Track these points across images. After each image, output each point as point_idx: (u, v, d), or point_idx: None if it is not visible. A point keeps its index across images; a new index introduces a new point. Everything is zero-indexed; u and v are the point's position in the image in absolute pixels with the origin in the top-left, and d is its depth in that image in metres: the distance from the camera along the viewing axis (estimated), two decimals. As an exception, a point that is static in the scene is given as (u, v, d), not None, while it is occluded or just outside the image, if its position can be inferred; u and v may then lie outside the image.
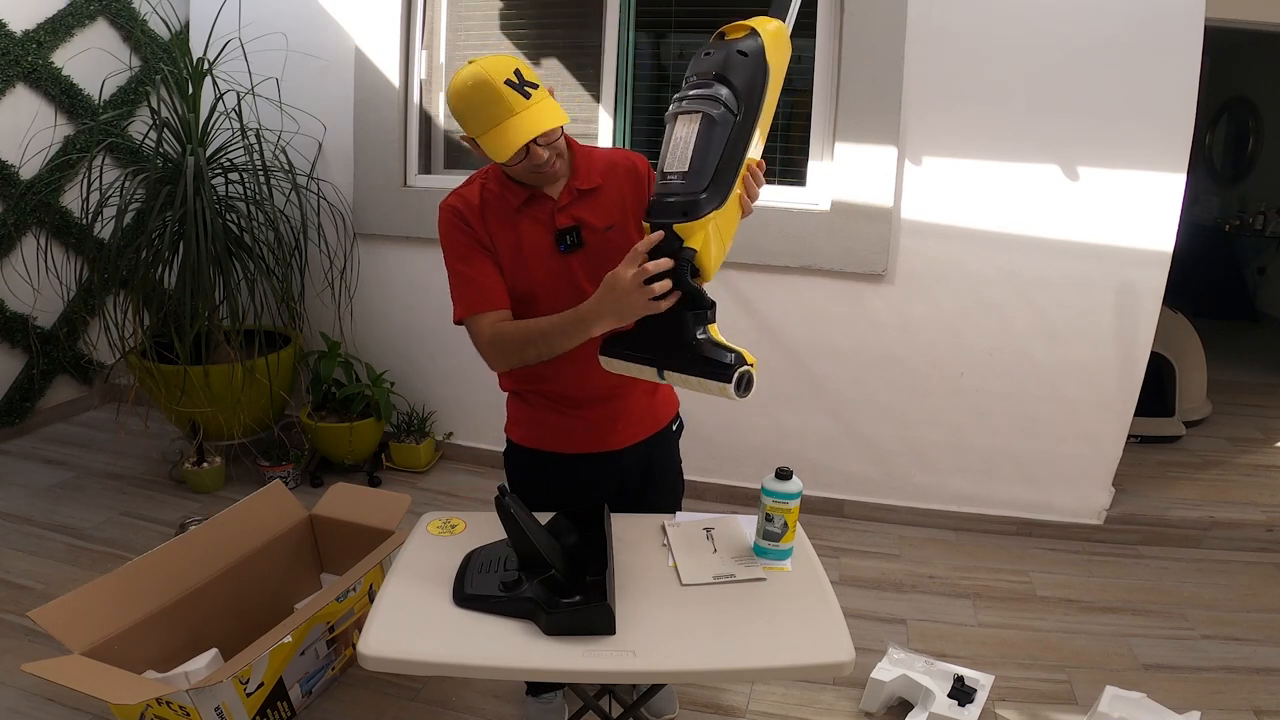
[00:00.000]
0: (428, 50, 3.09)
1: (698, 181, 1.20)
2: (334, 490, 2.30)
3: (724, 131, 1.20)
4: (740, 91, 1.20)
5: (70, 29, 3.20)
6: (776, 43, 1.24)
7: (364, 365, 3.22)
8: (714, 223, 1.22)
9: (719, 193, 1.21)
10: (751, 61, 1.21)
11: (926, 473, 2.90)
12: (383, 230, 3.13)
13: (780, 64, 1.25)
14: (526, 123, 1.28)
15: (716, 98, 1.19)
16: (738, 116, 1.20)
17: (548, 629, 1.17)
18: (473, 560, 1.32)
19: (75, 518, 2.75)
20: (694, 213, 1.20)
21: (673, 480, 1.74)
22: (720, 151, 1.20)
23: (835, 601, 1.28)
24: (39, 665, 1.54)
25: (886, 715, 1.98)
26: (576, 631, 1.17)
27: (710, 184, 1.20)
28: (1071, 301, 2.63)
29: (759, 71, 1.22)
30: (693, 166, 1.20)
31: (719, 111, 1.19)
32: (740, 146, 1.22)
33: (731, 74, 1.21)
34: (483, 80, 1.26)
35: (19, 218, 3.14)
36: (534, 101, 1.29)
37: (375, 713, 1.95)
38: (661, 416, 1.64)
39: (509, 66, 1.28)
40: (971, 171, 2.60)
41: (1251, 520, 2.80)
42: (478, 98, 1.27)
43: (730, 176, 1.22)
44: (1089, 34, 2.42)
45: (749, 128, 1.22)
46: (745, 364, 1.20)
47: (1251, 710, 2.00)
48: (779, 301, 2.83)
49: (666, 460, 1.71)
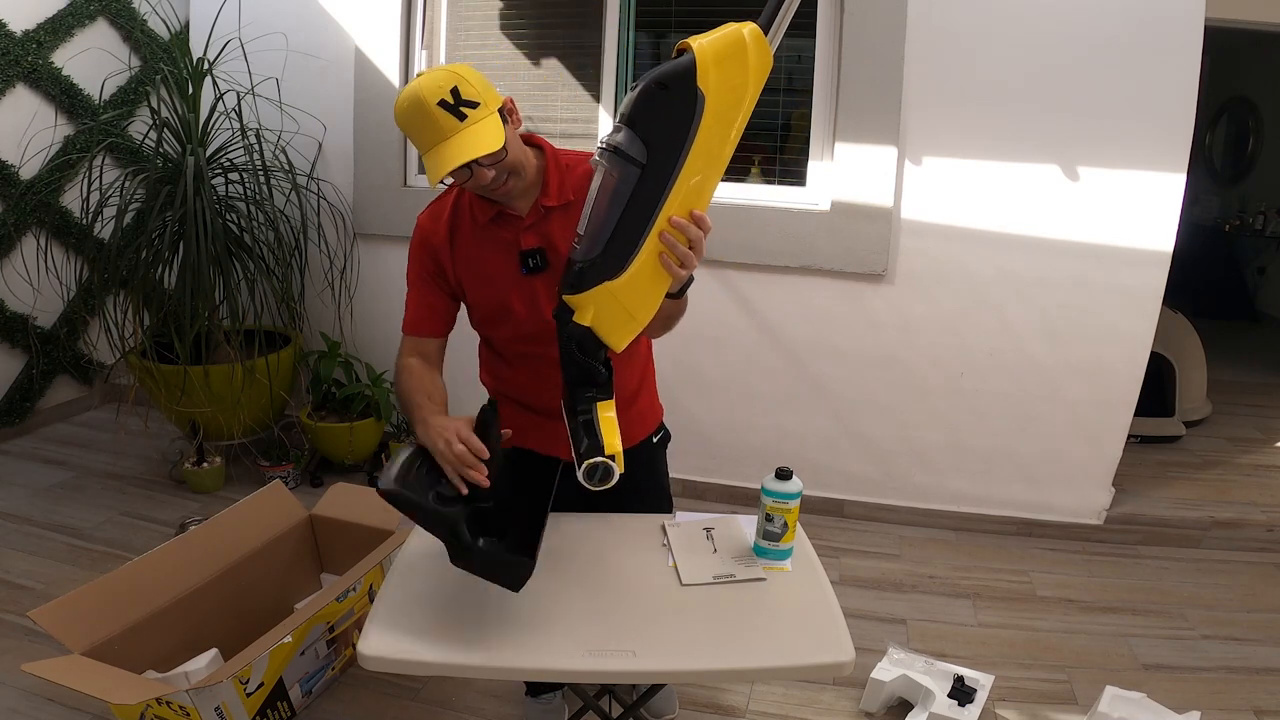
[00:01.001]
0: (428, 50, 3.09)
1: (590, 248, 1.09)
2: (334, 490, 2.30)
3: (625, 187, 1.06)
4: (649, 136, 1.05)
5: (70, 29, 3.20)
6: (730, 58, 1.05)
7: (364, 365, 3.22)
8: (615, 294, 1.09)
9: (615, 260, 1.08)
10: (672, 96, 1.04)
11: (926, 473, 2.90)
12: (383, 230, 3.13)
13: (734, 83, 1.06)
14: (454, 148, 1.21)
15: (616, 147, 1.06)
16: (643, 167, 1.06)
17: (454, 558, 1.14)
18: (422, 458, 1.22)
19: (75, 518, 2.75)
20: (579, 285, 1.09)
21: (657, 490, 1.71)
22: (619, 212, 1.07)
23: (835, 601, 1.28)
24: (39, 665, 1.54)
25: (886, 715, 1.98)
26: (480, 574, 1.15)
27: (603, 251, 1.08)
28: (1071, 301, 2.63)
29: (681, 105, 1.04)
30: (588, 230, 1.09)
31: (619, 164, 1.06)
32: (647, 203, 1.07)
33: (639, 114, 1.06)
34: (416, 101, 1.21)
35: (19, 218, 3.14)
36: (469, 124, 1.22)
37: (375, 713, 1.95)
38: (636, 432, 1.59)
39: (446, 85, 1.21)
40: (971, 171, 2.60)
41: (1251, 520, 2.80)
42: (412, 119, 1.23)
43: (633, 239, 1.08)
44: (1089, 34, 2.42)
45: (662, 178, 1.07)
46: (600, 456, 1.11)
47: (1251, 710, 2.00)
48: (779, 301, 2.83)
49: (647, 470, 1.66)
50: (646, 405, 1.63)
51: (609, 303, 1.10)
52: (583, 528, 1.47)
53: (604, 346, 1.13)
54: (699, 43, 1.05)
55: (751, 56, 1.06)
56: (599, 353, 1.14)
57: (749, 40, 1.06)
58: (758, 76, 1.07)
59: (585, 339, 1.12)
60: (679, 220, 1.09)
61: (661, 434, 1.68)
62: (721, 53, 1.05)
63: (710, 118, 1.05)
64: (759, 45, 1.07)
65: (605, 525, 1.50)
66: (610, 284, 1.09)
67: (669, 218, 1.09)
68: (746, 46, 1.06)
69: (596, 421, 1.13)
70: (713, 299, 2.86)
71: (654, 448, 1.66)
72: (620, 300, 1.10)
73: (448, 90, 1.21)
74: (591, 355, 1.13)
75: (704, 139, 1.06)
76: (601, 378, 1.14)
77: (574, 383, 1.14)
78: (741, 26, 1.06)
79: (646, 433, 1.64)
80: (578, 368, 1.13)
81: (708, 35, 1.06)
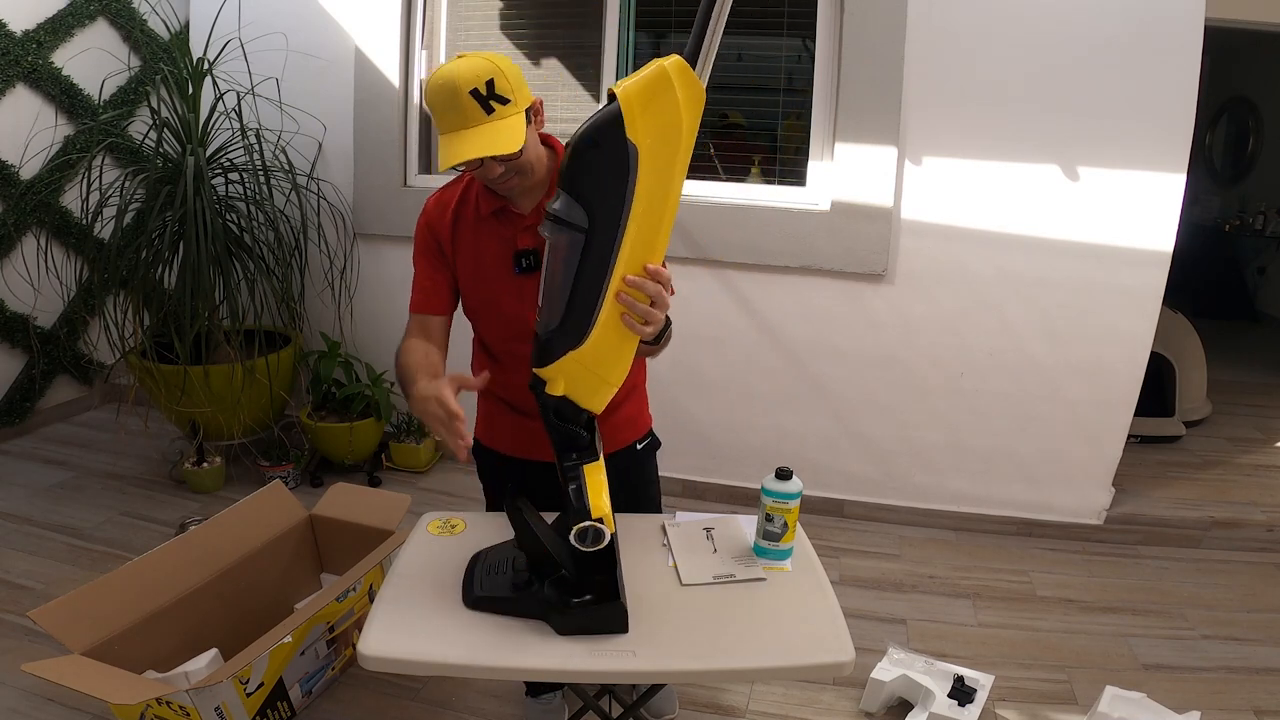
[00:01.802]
0: (428, 50, 3.09)
1: (549, 319, 1.08)
2: (334, 490, 2.30)
3: (572, 254, 1.05)
4: (587, 199, 1.03)
5: (70, 29, 3.20)
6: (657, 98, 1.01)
7: (364, 365, 3.22)
8: (582, 362, 1.08)
9: (576, 329, 1.07)
10: (603, 153, 1.02)
11: (926, 473, 2.90)
12: (383, 230, 3.13)
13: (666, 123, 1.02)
14: (472, 139, 1.21)
15: (556, 216, 1.04)
16: (587, 231, 1.04)
17: (561, 628, 1.16)
18: (480, 562, 1.30)
19: (75, 518, 2.75)
20: (544, 358, 1.09)
21: (640, 498, 1.67)
22: (571, 280, 1.05)
23: (835, 601, 1.28)
24: (39, 665, 1.54)
25: (886, 715, 1.98)
26: (589, 631, 1.16)
27: (562, 321, 1.07)
28: (1071, 301, 2.63)
29: (614, 161, 1.01)
30: (544, 302, 1.08)
31: (562, 232, 1.04)
32: (597, 267, 1.05)
33: (573, 178, 1.03)
34: (449, 84, 1.20)
35: (19, 218, 3.14)
36: (494, 119, 1.22)
37: (375, 713, 1.95)
38: (621, 437, 1.58)
39: (483, 75, 1.21)
40: (971, 171, 2.60)
41: (1251, 520, 2.80)
42: (440, 100, 1.22)
43: (590, 305, 1.06)
44: (1089, 34, 2.42)
45: (608, 239, 1.04)
46: (588, 520, 1.12)
47: (1251, 710, 2.00)
48: (779, 301, 2.83)
49: (634, 477, 1.64)
50: (632, 413, 1.61)
51: (578, 371, 1.09)
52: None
53: (583, 410, 1.13)
54: (623, 87, 1.02)
55: (679, 91, 1.02)
56: (579, 416, 1.14)
57: (674, 74, 1.02)
58: (690, 110, 1.04)
59: (562, 406, 1.12)
60: (633, 279, 1.07)
61: (648, 441, 1.66)
62: (646, 94, 1.01)
63: (647, 167, 1.03)
64: (684, 78, 1.03)
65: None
66: (575, 353, 1.08)
67: (623, 277, 1.07)
68: (672, 82, 1.02)
69: (584, 485, 1.14)
70: (713, 299, 2.86)
71: (638, 454, 1.63)
72: (588, 367, 1.09)
73: (483, 81, 1.21)
74: (571, 420, 1.14)
75: (644, 190, 1.04)
76: (584, 441, 1.14)
77: (559, 448, 1.15)
78: (664, 61, 1.03)
79: (630, 440, 1.61)
80: (559, 434, 1.13)
81: (632, 77, 1.03)
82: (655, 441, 1.68)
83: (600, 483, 1.15)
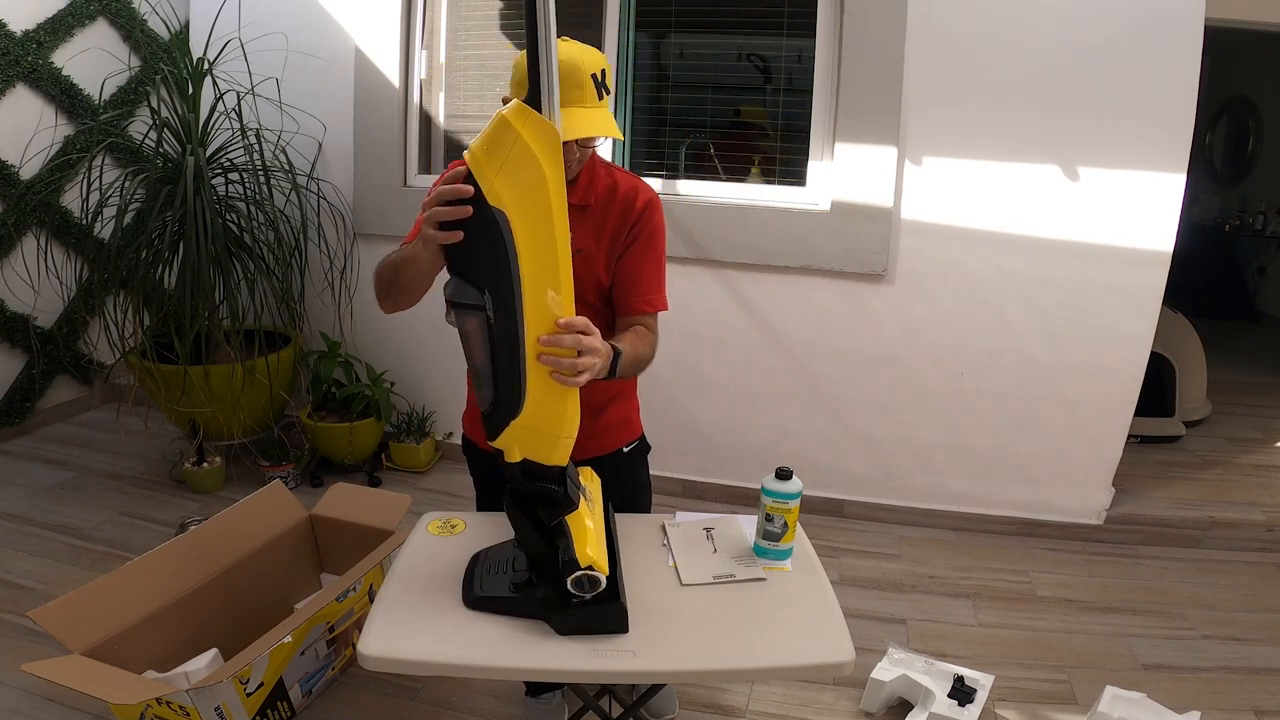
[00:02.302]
0: (428, 50, 3.09)
1: (484, 396, 1.09)
2: (334, 490, 2.30)
3: (480, 332, 1.05)
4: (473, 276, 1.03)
5: (70, 29, 3.20)
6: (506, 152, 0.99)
7: (364, 365, 3.22)
8: (527, 428, 1.09)
9: (510, 400, 1.08)
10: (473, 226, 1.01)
11: (926, 473, 2.90)
12: (383, 230, 3.13)
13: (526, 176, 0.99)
14: (593, 119, 1.27)
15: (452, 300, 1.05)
16: (484, 308, 1.04)
17: (561, 628, 1.17)
18: (480, 562, 1.31)
19: (75, 518, 2.75)
20: (493, 432, 1.11)
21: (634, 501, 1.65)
22: (488, 356, 1.06)
23: (835, 601, 1.28)
24: (39, 665, 1.54)
25: (886, 715, 1.98)
26: (589, 630, 1.16)
27: (495, 396, 1.08)
28: (1071, 301, 2.63)
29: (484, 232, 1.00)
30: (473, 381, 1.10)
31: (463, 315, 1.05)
32: (508, 338, 1.05)
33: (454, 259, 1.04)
34: (576, 65, 1.26)
35: (19, 218, 3.14)
36: (603, 105, 1.30)
37: (375, 713, 1.95)
38: (607, 442, 1.57)
39: (599, 64, 1.30)
40: (971, 171, 2.60)
41: (1251, 520, 2.80)
42: (565, 77, 1.24)
43: (515, 375, 1.07)
44: (1089, 34, 2.42)
45: (508, 309, 1.03)
46: (578, 569, 1.13)
47: (1251, 710, 2.00)
48: (779, 301, 2.83)
49: (625, 481, 1.62)
50: (618, 419, 1.59)
51: (527, 436, 1.10)
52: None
53: (549, 466, 1.13)
54: (470, 151, 1.01)
55: (528, 136, 0.99)
56: (547, 472, 1.14)
57: (515, 121, 1.00)
58: (547, 153, 1.01)
59: (527, 467, 1.13)
60: (547, 338, 1.07)
61: (636, 444, 1.64)
62: (492, 148, 1.00)
63: (521, 228, 1.01)
64: (528, 121, 1.00)
65: (605, 525, 1.49)
66: (517, 422, 1.09)
67: (538, 339, 1.07)
68: (516, 130, 0.99)
69: (570, 536, 1.15)
70: (713, 299, 2.86)
71: (625, 458, 1.62)
72: (535, 430, 1.10)
73: (599, 69, 1.29)
74: (540, 477, 1.14)
75: (527, 249, 1.02)
76: (558, 495, 1.15)
77: (542, 506, 1.16)
78: (503, 111, 1.01)
79: (618, 444, 1.60)
80: (533, 493, 1.14)
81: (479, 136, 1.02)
82: (645, 445, 1.67)
83: (585, 530, 1.16)
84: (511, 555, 1.29)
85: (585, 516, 1.19)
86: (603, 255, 1.43)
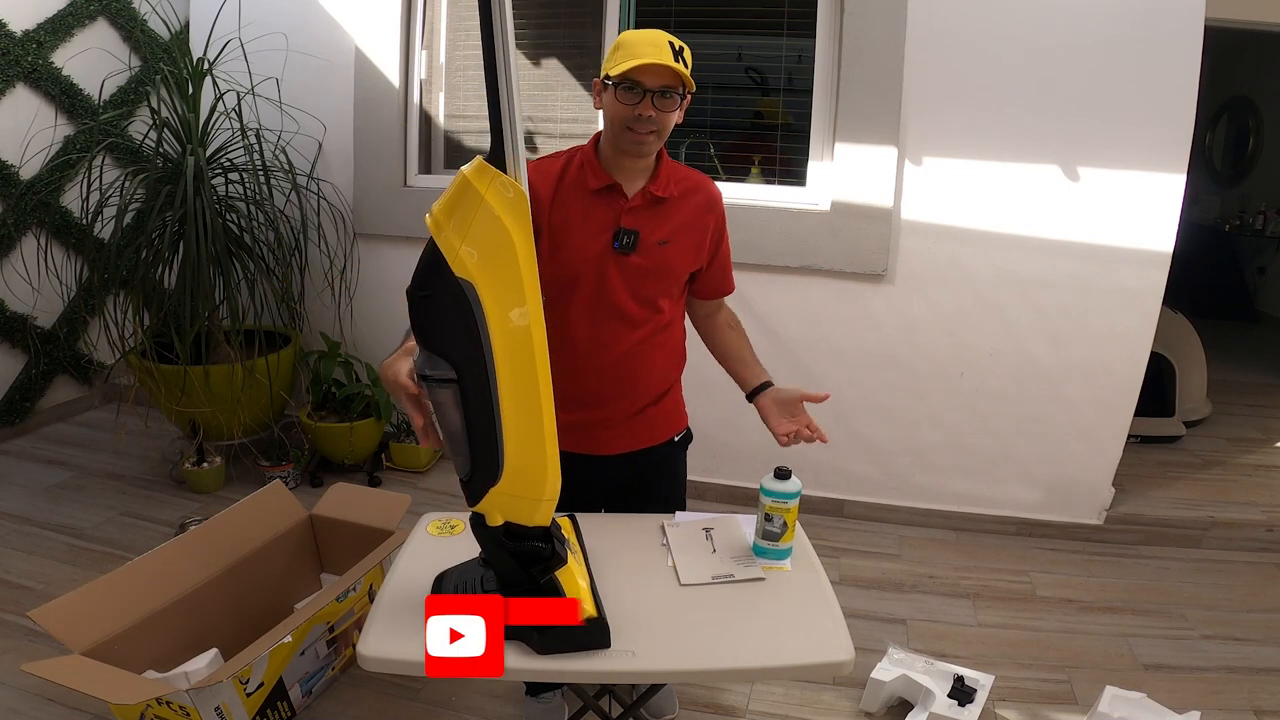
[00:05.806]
0: (428, 50, 3.09)
1: (463, 465, 1.08)
2: (334, 490, 2.30)
3: (455, 403, 1.03)
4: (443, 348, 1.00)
5: (70, 29, 3.20)
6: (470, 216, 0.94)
7: (364, 365, 3.22)
8: (506, 492, 1.08)
9: (488, 467, 1.06)
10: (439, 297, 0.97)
11: (926, 473, 2.89)
12: (383, 230, 3.13)
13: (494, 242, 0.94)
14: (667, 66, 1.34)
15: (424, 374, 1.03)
16: (457, 380, 1.01)
17: (542, 649, 1.14)
18: (445, 582, 1.24)
19: (75, 518, 2.75)
20: (473, 499, 1.10)
21: (668, 490, 1.71)
22: (464, 426, 1.05)
23: (835, 601, 1.28)
24: (39, 665, 1.54)
25: (886, 715, 1.98)
26: (573, 649, 1.14)
27: (472, 464, 1.07)
28: (1072, 302, 2.63)
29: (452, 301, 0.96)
30: (450, 451, 1.08)
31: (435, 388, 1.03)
32: (482, 406, 1.02)
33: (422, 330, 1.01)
34: (655, 32, 1.36)
35: (19, 218, 3.14)
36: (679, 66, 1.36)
37: (375, 713, 1.95)
38: (659, 433, 1.65)
39: (680, 42, 1.38)
40: (971, 172, 2.60)
41: (1251, 520, 2.80)
42: (645, 39, 1.36)
43: (491, 445, 1.05)
44: (1089, 34, 2.42)
45: (481, 379, 1.00)
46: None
47: (1251, 710, 2.00)
48: (779, 301, 2.83)
49: (665, 470, 1.69)
50: (670, 407, 1.68)
51: (506, 501, 1.09)
52: (582, 527, 1.47)
53: (533, 526, 1.12)
54: (431, 214, 0.97)
55: (490, 196, 0.95)
56: (532, 531, 1.13)
57: (476, 180, 0.95)
58: (512, 212, 0.96)
59: (509, 529, 1.12)
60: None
61: (684, 435, 1.72)
62: (452, 210, 0.96)
63: (490, 297, 0.96)
64: (489, 181, 0.95)
65: (604, 525, 1.49)
66: (496, 488, 1.07)
67: None
68: (478, 190, 0.95)
69: (561, 591, 1.15)
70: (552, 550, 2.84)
71: (675, 448, 1.70)
72: (514, 494, 1.08)
73: (679, 44, 1.38)
74: (524, 538, 1.13)
75: (498, 318, 0.97)
76: (546, 553, 1.13)
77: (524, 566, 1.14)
78: (464, 171, 0.97)
79: (669, 435, 1.67)
80: (520, 553, 1.12)
81: (441, 197, 0.98)
82: (689, 435, 1.75)
83: (577, 587, 1.16)
84: (478, 574, 1.23)
85: (577, 575, 1.19)
86: (689, 247, 1.51)
